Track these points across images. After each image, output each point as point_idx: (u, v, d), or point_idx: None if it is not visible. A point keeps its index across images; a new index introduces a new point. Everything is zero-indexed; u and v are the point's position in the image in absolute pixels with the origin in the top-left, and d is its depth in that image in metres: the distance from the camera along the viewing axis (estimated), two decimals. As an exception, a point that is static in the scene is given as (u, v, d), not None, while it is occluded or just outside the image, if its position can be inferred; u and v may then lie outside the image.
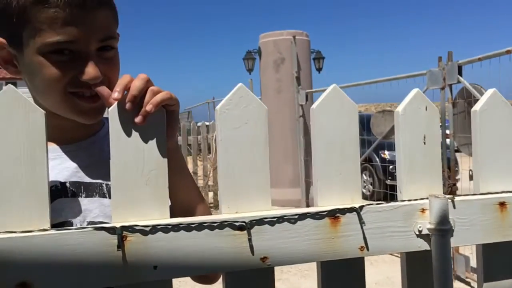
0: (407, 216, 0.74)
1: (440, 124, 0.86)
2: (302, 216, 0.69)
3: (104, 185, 0.89)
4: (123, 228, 0.63)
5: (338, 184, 0.74)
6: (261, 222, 0.67)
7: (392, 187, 6.30)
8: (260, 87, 7.27)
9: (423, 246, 0.75)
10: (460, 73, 3.77)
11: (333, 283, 0.75)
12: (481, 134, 0.82)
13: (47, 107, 0.81)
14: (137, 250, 0.63)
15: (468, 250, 3.77)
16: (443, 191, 0.80)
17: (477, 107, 0.82)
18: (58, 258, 0.61)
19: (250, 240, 0.67)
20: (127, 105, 0.67)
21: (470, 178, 2.71)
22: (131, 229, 0.63)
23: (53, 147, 0.88)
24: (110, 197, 0.86)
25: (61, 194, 0.86)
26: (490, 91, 0.83)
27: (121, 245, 0.62)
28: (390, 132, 4.66)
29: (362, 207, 0.71)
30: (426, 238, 0.75)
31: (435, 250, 0.74)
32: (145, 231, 0.64)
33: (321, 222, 0.70)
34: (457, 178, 4.30)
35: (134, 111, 0.67)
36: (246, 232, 0.67)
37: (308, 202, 6.52)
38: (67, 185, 0.88)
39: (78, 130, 0.91)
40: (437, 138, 0.80)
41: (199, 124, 8.40)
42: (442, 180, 0.81)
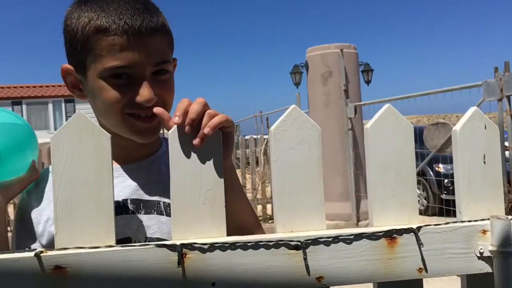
0: (468, 237, 0.72)
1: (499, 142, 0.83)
2: (358, 236, 0.69)
3: (161, 202, 0.93)
4: (183, 245, 0.65)
5: (394, 204, 0.74)
6: (316, 242, 0.68)
7: (447, 202, 6.05)
8: (307, 101, 7.26)
9: (485, 268, 0.73)
10: (519, 83, 3.60)
11: (390, 305, 0.74)
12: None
13: (109, 127, 0.87)
14: (196, 267, 0.66)
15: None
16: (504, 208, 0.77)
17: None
18: (123, 272, 0.64)
19: (305, 259, 0.67)
20: (186, 128, 0.70)
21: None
22: (191, 246, 0.66)
23: (115, 166, 0.93)
24: (167, 214, 0.92)
25: (122, 211, 0.90)
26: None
27: (181, 261, 0.65)
28: (444, 145, 4.50)
29: (420, 228, 0.70)
30: (487, 260, 0.72)
31: (498, 272, 0.71)
32: (203, 249, 0.66)
33: (377, 242, 0.69)
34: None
35: (192, 134, 0.70)
36: (301, 251, 0.67)
37: (358, 217, 6.39)
38: (128, 202, 0.93)
39: (138, 150, 0.96)
40: (497, 157, 0.77)
41: (247, 137, 8.47)
42: (503, 198, 0.78)
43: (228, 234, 0.71)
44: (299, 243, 0.67)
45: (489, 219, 0.73)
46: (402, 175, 0.74)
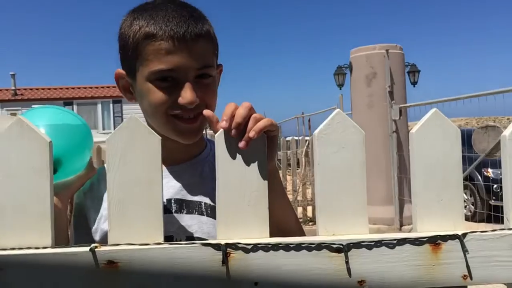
0: (516, 245, 0.70)
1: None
2: (401, 241, 0.69)
3: (203, 203, 0.98)
4: (227, 245, 0.68)
5: (438, 210, 0.73)
6: (358, 245, 0.68)
7: (496, 208, 5.81)
8: (350, 102, 7.17)
9: (535, 278, 0.70)
10: None
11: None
12: None
13: (155, 128, 0.91)
14: (239, 266, 0.68)
15: None
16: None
17: None
18: (169, 269, 0.67)
19: (347, 262, 0.68)
20: (232, 131, 0.72)
21: None
22: (235, 246, 0.68)
23: None
24: (207, 215, 0.96)
25: (166, 210, 0.94)
26: None
27: (225, 260, 0.67)
28: (494, 149, 4.33)
29: (465, 235, 0.69)
30: (538, 270, 0.70)
31: (549, 283, 0.69)
32: (247, 249, 0.68)
33: (421, 248, 0.69)
34: None
35: (238, 137, 0.72)
36: (343, 254, 0.68)
37: (402, 221, 6.24)
38: (172, 202, 0.97)
39: (183, 152, 1.01)
40: (550, 164, 0.75)
41: (289, 139, 8.46)
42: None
43: (270, 235, 0.72)
44: (341, 246, 0.68)
45: (539, 228, 0.70)
46: (448, 181, 0.73)
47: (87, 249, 0.66)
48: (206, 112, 0.80)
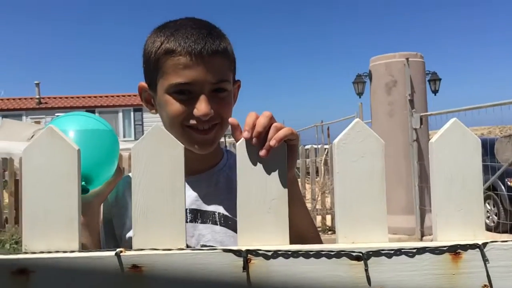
0: (538, 256, 0.70)
1: None
2: (421, 250, 0.69)
3: (216, 213, 1.02)
4: (248, 251, 0.69)
5: (458, 219, 0.73)
6: (378, 253, 0.69)
7: (521, 219, 5.67)
8: (370, 111, 7.13)
9: (557, 290, 0.70)
10: None
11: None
12: None
13: None
14: (260, 272, 0.69)
15: None
16: None
17: None
18: (191, 274, 0.69)
19: (366, 270, 0.68)
20: (253, 140, 0.74)
21: None
22: (255, 252, 0.69)
23: None
24: (220, 224, 1.01)
25: None
26: None
27: (246, 267, 0.68)
28: (518, 158, 4.25)
29: (485, 244, 0.69)
30: (560, 281, 0.69)
31: None
32: (267, 256, 0.69)
33: (441, 257, 0.69)
34: None
35: (259, 145, 0.74)
36: (362, 262, 0.69)
37: (422, 231, 6.15)
38: (187, 212, 1.00)
39: (199, 163, 1.05)
40: None
41: (308, 147, 8.45)
42: None
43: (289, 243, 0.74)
44: (361, 254, 0.69)
45: (562, 239, 0.70)
46: (468, 190, 0.73)
47: (113, 253, 0.68)
48: (232, 120, 0.83)
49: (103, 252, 0.68)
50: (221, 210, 1.03)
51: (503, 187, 6.46)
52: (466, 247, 0.69)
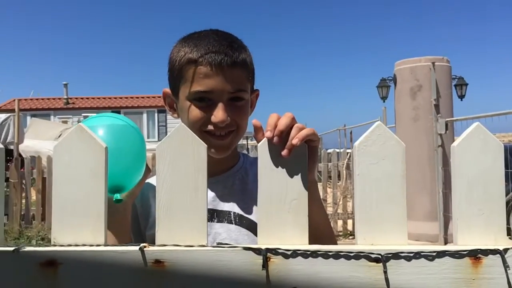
0: (561, 263, 0.69)
1: None
2: (441, 253, 0.69)
3: (232, 213, 1.09)
4: (268, 250, 0.70)
5: (480, 223, 0.73)
6: (397, 256, 0.69)
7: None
8: (394, 115, 7.05)
9: None
10: None
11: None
12: None
13: None
14: (279, 271, 0.70)
15: None
16: None
17: None
18: (212, 270, 0.71)
19: (385, 272, 0.69)
20: (275, 139, 0.76)
21: None
22: (275, 251, 0.70)
23: None
24: (235, 223, 1.08)
25: None
26: None
27: (265, 265, 0.70)
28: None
29: (506, 250, 0.68)
30: None
31: None
32: (286, 255, 0.70)
33: (461, 261, 0.69)
34: None
35: (280, 145, 0.75)
36: (381, 264, 0.69)
37: (446, 239, 6.03)
38: None
39: (217, 166, 1.10)
40: None
41: (330, 151, 8.41)
42: None
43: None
44: (380, 256, 0.69)
45: None
46: (489, 194, 0.73)
47: (137, 248, 0.70)
48: (255, 121, 0.86)
49: (128, 246, 0.71)
50: (236, 210, 1.09)
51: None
52: (486, 252, 0.69)
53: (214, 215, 1.08)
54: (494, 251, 0.69)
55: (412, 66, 6.67)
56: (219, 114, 1.01)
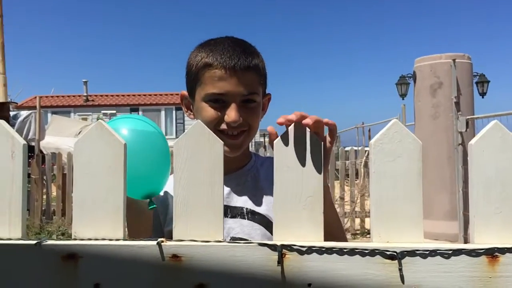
0: None
1: None
2: (457, 252, 0.69)
3: (244, 208, 1.16)
4: (283, 246, 0.71)
5: (497, 222, 0.72)
6: (412, 253, 0.69)
7: None
8: (413, 113, 6.96)
9: None
10: None
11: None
12: None
13: None
14: (293, 267, 0.71)
15: None
16: None
17: None
18: (227, 265, 0.72)
19: (400, 270, 0.69)
20: (296, 117, 0.78)
21: None
22: (290, 248, 0.71)
23: None
24: (248, 218, 1.14)
25: None
26: None
27: (281, 261, 0.70)
28: None
29: (525, 249, 0.68)
30: None
31: None
32: (301, 251, 0.71)
33: (477, 259, 0.68)
34: None
35: (299, 145, 0.76)
36: (397, 262, 0.69)
37: (466, 238, 5.95)
38: None
39: (230, 164, 1.13)
40: None
41: (347, 149, 8.34)
42: None
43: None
44: (395, 254, 0.69)
45: None
46: (507, 193, 0.72)
47: (154, 242, 0.71)
48: (270, 128, 0.89)
49: (146, 241, 0.72)
50: (248, 205, 1.16)
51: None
52: (504, 251, 0.68)
53: (227, 211, 1.14)
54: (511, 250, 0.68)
55: (432, 63, 6.58)
56: (232, 114, 1.08)
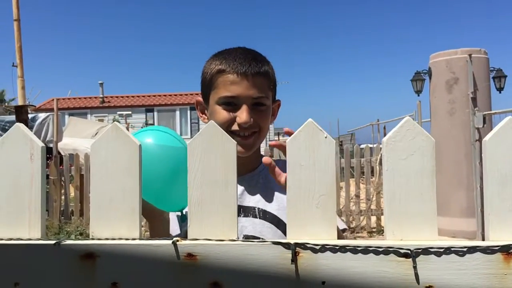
0: None
1: None
2: (471, 249, 0.68)
3: (256, 208, 1.22)
4: (297, 244, 0.71)
5: (512, 219, 0.71)
6: (426, 251, 0.69)
7: None
8: (429, 109, 6.89)
9: None
10: None
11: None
12: None
13: None
14: (307, 265, 0.71)
15: None
16: None
17: None
18: (242, 263, 0.72)
19: (415, 268, 0.69)
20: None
21: None
22: (303, 246, 0.72)
23: None
24: (259, 217, 1.21)
25: None
26: None
27: (294, 259, 0.71)
28: None
29: (541, 246, 0.67)
30: None
31: None
32: (315, 249, 0.71)
33: (492, 257, 0.68)
34: None
35: (311, 144, 0.76)
36: (411, 260, 0.69)
37: (484, 235, 5.86)
38: None
39: (242, 166, 1.17)
40: None
41: (363, 146, 8.30)
42: None
43: None
44: (409, 251, 0.69)
45: None
46: (523, 190, 0.71)
47: (170, 242, 0.73)
48: (265, 159, 0.98)
49: (162, 240, 0.74)
50: (260, 205, 1.22)
51: None
52: (519, 248, 0.68)
53: (240, 210, 1.20)
54: (528, 247, 0.67)
55: (448, 58, 6.50)
56: (244, 116, 1.16)
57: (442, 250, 0.69)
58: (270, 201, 1.23)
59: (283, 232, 1.15)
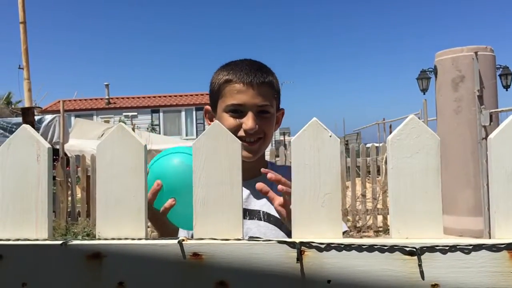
0: None
1: None
2: (477, 247, 0.68)
3: (261, 211, 1.28)
4: (302, 243, 0.72)
5: (518, 217, 0.71)
6: (432, 249, 0.69)
7: None
8: (435, 107, 6.86)
9: None
10: None
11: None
12: None
13: None
14: (312, 264, 0.71)
15: None
16: None
17: None
18: (247, 263, 0.73)
19: (420, 266, 0.69)
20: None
21: None
22: (309, 245, 0.72)
23: None
24: (264, 220, 1.26)
25: None
26: None
27: (300, 258, 0.71)
28: None
29: (547, 243, 0.67)
30: None
31: None
32: (320, 248, 0.71)
33: (498, 254, 0.68)
34: None
35: (316, 143, 0.76)
36: (416, 257, 0.69)
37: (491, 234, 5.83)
38: None
39: (248, 172, 1.19)
40: None
41: (369, 145, 8.27)
42: None
43: None
44: (414, 249, 0.69)
45: None
46: (529, 187, 0.71)
47: (176, 241, 0.73)
48: (259, 186, 1.03)
49: (167, 240, 0.74)
50: (264, 209, 1.28)
51: None
52: (525, 245, 0.67)
53: (246, 213, 1.26)
54: (534, 245, 0.67)
55: (453, 56, 6.47)
56: (249, 122, 1.23)
57: (447, 248, 0.69)
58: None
59: (286, 234, 1.19)
